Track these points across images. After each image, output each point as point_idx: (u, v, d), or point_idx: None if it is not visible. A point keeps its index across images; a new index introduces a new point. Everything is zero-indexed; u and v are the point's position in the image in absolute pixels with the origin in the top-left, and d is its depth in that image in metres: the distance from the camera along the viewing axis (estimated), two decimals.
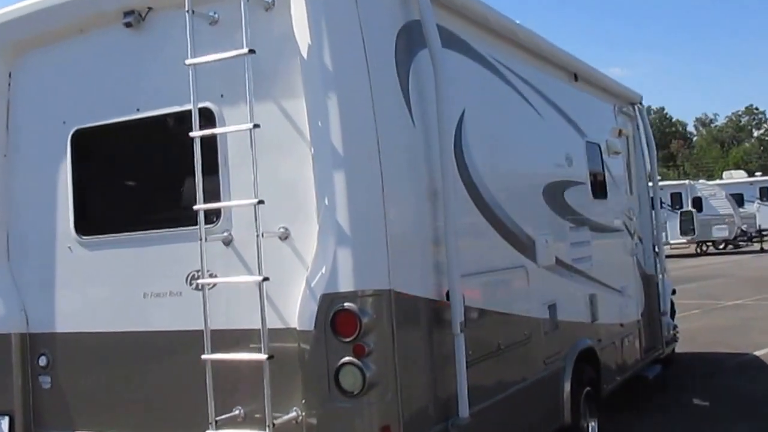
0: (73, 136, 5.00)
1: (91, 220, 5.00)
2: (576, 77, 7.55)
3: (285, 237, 4.29)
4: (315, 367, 4.13)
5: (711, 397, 9.21)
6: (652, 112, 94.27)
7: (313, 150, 4.17)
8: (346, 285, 4.06)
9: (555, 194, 6.60)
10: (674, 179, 45.26)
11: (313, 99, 4.17)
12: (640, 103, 9.60)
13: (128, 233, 4.84)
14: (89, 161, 5.05)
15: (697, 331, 13.67)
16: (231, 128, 4.32)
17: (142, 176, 4.95)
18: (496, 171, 5.61)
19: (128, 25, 4.77)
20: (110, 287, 4.90)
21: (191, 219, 4.31)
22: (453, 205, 4.63)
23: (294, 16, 4.24)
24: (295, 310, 4.23)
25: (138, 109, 4.76)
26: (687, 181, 33.82)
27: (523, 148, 6.09)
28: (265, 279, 4.12)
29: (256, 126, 4.14)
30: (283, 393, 4.25)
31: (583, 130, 7.50)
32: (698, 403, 9.09)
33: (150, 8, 4.73)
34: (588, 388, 6.81)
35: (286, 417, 4.23)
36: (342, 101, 4.11)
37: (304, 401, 4.21)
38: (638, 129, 9.64)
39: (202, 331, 4.26)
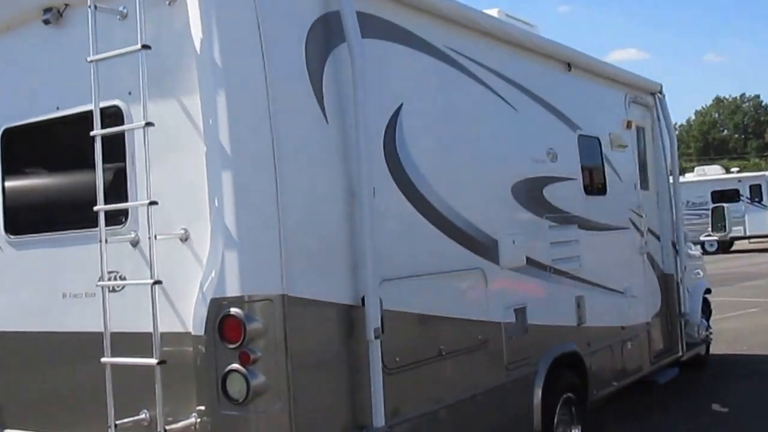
0: (1, 135, 5.00)
1: (19, 219, 5.01)
2: (570, 67, 7.19)
3: (185, 238, 4.20)
4: (205, 373, 4.04)
5: (731, 402, 8.77)
6: (746, 99, 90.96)
7: (206, 149, 4.05)
8: (232, 289, 3.94)
9: (530, 191, 6.33)
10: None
11: (205, 96, 4.06)
12: (660, 92, 9.14)
13: (52, 233, 4.83)
14: (17, 160, 5.05)
15: (750, 330, 13.03)
16: (125, 127, 4.24)
17: (63, 175, 4.94)
18: (445, 168, 5.39)
19: (47, 22, 4.72)
20: (35, 287, 4.90)
21: (107, 219, 4.26)
22: (369, 206, 4.46)
23: (190, 10, 4.13)
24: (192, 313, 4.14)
25: (58, 108, 4.74)
26: (766, 173, 32.45)
27: (485, 144, 5.85)
28: (157, 282, 4.03)
29: (149, 124, 4.06)
30: (184, 398, 4.18)
31: (576, 123, 7.19)
32: (715, 408, 8.65)
33: (67, 4, 4.68)
34: (568, 395, 6.52)
35: (184, 422, 4.15)
36: (231, 99, 3.99)
37: (199, 407, 4.11)
38: (659, 120, 9.16)
39: (113, 333, 4.21)
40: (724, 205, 11.09)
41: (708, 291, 10.92)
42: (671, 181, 9.20)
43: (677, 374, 8.93)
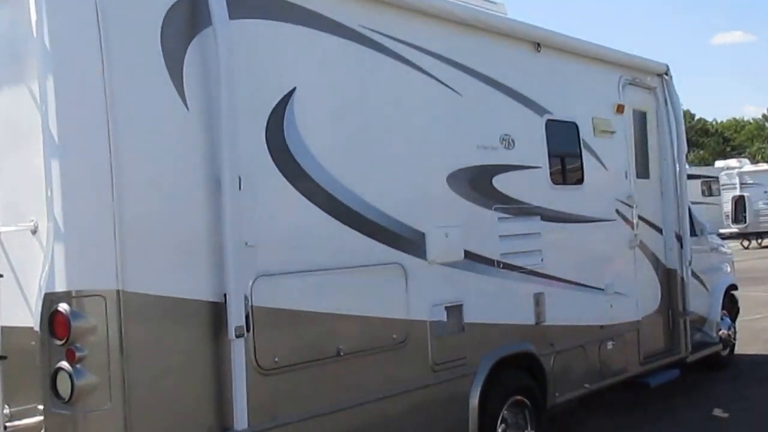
0: None
1: None
2: (538, 47, 6.79)
3: (35, 230, 4.07)
4: (42, 369, 3.92)
5: (736, 407, 8.31)
6: None
7: (42, 138, 3.91)
8: (61, 284, 3.81)
9: (474, 181, 6.01)
10: None
11: (40, 84, 3.91)
12: (666, 74, 8.59)
13: None
14: None
15: None
16: None
17: None
18: (353, 157, 5.14)
19: None
20: None
21: None
22: (233, 196, 4.24)
23: None
24: None
25: None
26: None
27: (411, 130, 5.55)
28: None
29: None
30: (33, 395, 4.06)
31: (543, 107, 6.80)
32: (716, 414, 8.16)
33: None
34: (518, 398, 6.18)
35: (26, 421, 4.05)
36: (59, 85, 3.84)
37: (39, 406, 4.00)
38: (666, 104, 8.63)
39: None
40: (745, 195, 10.39)
41: (733, 287, 10.28)
42: (677, 169, 8.59)
43: (677, 376, 8.42)
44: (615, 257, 7.61)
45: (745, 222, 9.58)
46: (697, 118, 73.04)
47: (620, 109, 7.81)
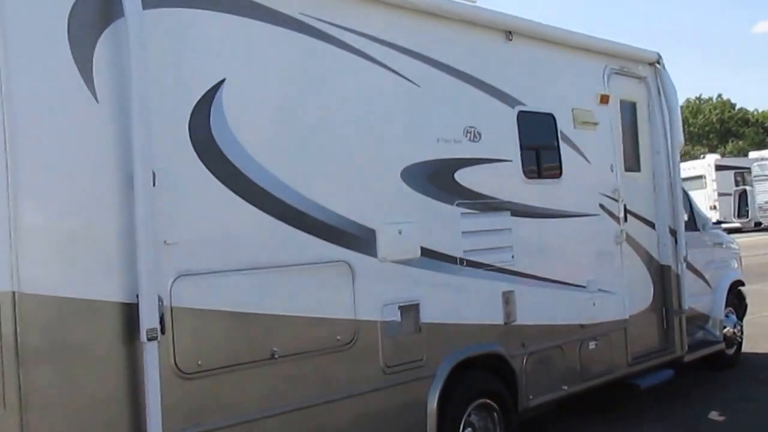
0: None
1: None
2: (510, 35, 6.52)
3: None
4: None
5: (733, 409, 7.97)
6: None
7: None
8: None
9: (434, 175, 5.77)
10: None
11: None
12: (658, 63, 8.26)
13: None
14: None
15: None
16: None
17: None
18: (292, 152, 4.95)
19: None
20: None
21: None
22: (145, 194, 4.05)
23: None
24: None
25: None
26: None
27: (360, 123, 5.33)
28: None
29: None
30: None
31: (515, 98, 6.53)
32: (711, 417, 7.85)
33: None
34: (484, 401, 5.94)
35: None
36: None
37: None
38: (659, 94, 8.29)
39: None
40: (747, 188, 9.99)
41: (740, 283, 9.90)
42: (671, 162, 8.25)
43: (671, 376, 8.09)
44: (599, 253, 7.32)
45: (748, 216, 9.17)
46: (737, 107, 71.63)
47: (605, 99, 7.49)
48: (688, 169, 36.39)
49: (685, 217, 9.19)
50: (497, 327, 6.20)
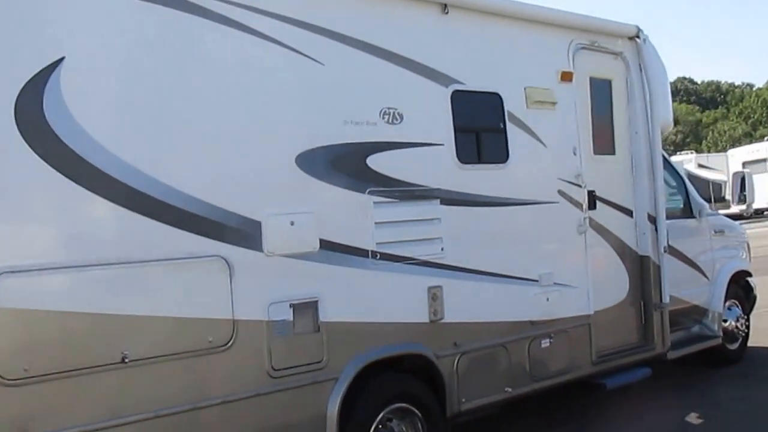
0: None
1: None
2: (445, 8, 5.97)
3: None
4: None
5: (716, 411, 7.28)
6: None
7: None
8: None
9: (340, 161, 5.29)
10: None
11: None
12: (638, 36, 7.56)
13: None
14: None
15: None
16: None
17: None
18: (153, 138, 4.53)
19: None
20: None
21: None
22: None
23: None
24: None
25: None
26: None
27: (238, 105, 4.86)
28: None
29: None
30: None
31: (450, 76, 5.98)
32: (688, 420, 7.19)
33: None
34: (402, 405, 5.46)
35: None
36: None
37: None
38: (641, 70, 7.61)
39: None
40: (745, 171, 9.16)
41: (746, 274, 9.14)
42: (652, 144, 7.57)
43: (647, 375, 7.45)
44: (556, 244, 6.72)
45: (746, 201, 8.38)
46: None
47: (567, 77, 6.87)
48: (751, 152, 34.78)
49: (681, 204, 8.49)
50: (421, 325, 5.69)
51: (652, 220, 7.61)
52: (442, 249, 5.84)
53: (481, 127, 6.28)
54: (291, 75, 5.15)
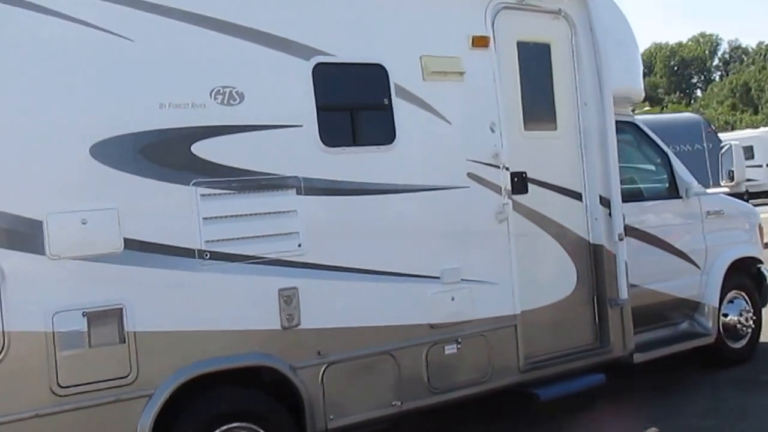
0: None
1: None
2: None
3: None
4: None
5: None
6: None
7: None
8: None
9: (151, 149, 4.80)
10: None
11: None
12: None
13: None
14: None
15: None
16: None
17: None
18: None
19: None
20: None
21: None
22: None
23: None
24: None
25: None
26: None
27: (16, 90, 4.44)
28: None
29: None
30: None
31: (312, 47, 5.40)
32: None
33: None
34: (239, 425, 4.96)
35: None
36: None
37: None
38: (592, 32, 6.82)
39: None
40: (732, 144, 8.11)
41: (756, 261, 8.18)
42: (605, 115, 6.75)
43: (599, 382, 6.67)
44: (465, 236, 6.04)
45: (733, 179, 7.36)
46: None
47: (481, 42, 6.16)
48: None
49: (666, 184, 7.64)
50: (270, 333, 5.14)
51: (606, 203, 6.78)
52: (299, 245, 5.26)
53: (356, 105, 5.67)
54: (87, 55, 4.67)
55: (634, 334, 7.14)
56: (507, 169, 6.23)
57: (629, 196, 7.41)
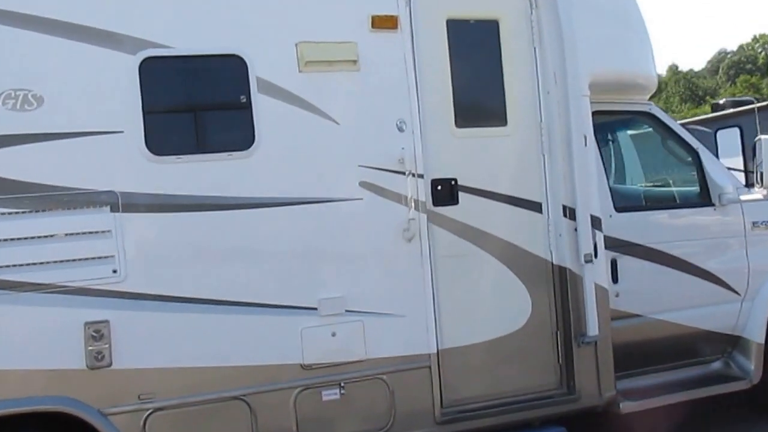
0: None
1: None
2: None
3: None
4: None
5: None
6: None
7: None
8: None
9: None
10: None
11: None
12: None
13: None
14: None
15: None
16: None
17: None
18: None
19: None
20: None
21: None
22: None
23: None
24: None
25: None
26: None
27: None
28: None
29: None
30: None
31: (140, 39, 4.88)
32: None
33: None
34: None
35: None
36: None
37: None
38: (555, 7, 5.82)
39: None
40: (763, 138, 6.56)
41: None
42: (570, 107, 5.71)
43: None
44: (355, 257, 5.22)
45: (761, 183, 5.75)
46: None
47: (385, 23, 5.33)
48: None
49: (695, 188, 6.46)
50: (72, 373, 4.63)
51: (569, 212, 5.69)
52: (115, 271, 4.69)
53: (200, 104, 4.99)
54: None
55: (638, 375, 5.99)
56: (419, 176, 5.30)
57: (637, 205, 6.25)
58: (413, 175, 5.31)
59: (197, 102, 4.97)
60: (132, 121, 4.75)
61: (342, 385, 5.14)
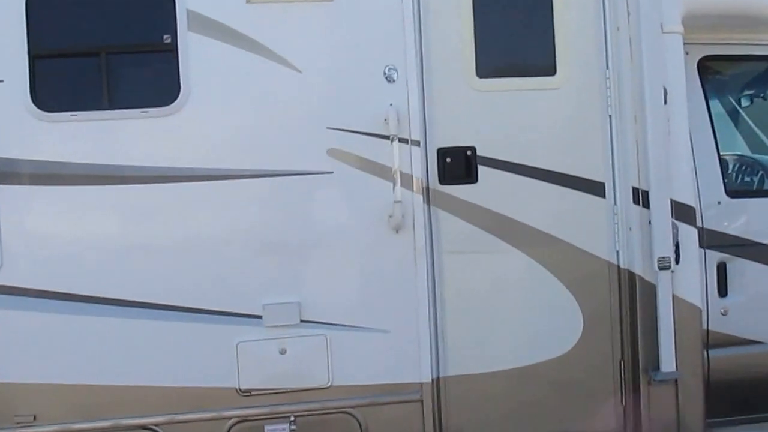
0: None
1: None
2: None
3: None
4: None
5: None
6: None
7: None
8: None
9: None
10: None
11: None
12: None
13: None
14: None
15: None
16: None
17: None
18: None
19: None
20: None
21: None
22: None
23: None
24: None
25: None
26: None
27: None
28: None
29: None
30: None
31: None
32: None
33: None
34: None
35: None
36: None
37: None
38: None
39: None
40: None
41: None
42: (644, 50, 4.25)
43: None
44: (318, 252, 4.05)
45: None
46: None
47: None
48: None
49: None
50: None
51: (640, 195, 4.20)
52: None
53: (107, 45, 3.94)
54: None
55: (742, 424, 4.46)
56: (414, 143, 4.01)
57: (760, 188, 4.65)
58: (404, 141, 3.96)
59: (102, 43, 3.90)
60: (13, 67, 3.75)
61: (293, 419, 3.95)
